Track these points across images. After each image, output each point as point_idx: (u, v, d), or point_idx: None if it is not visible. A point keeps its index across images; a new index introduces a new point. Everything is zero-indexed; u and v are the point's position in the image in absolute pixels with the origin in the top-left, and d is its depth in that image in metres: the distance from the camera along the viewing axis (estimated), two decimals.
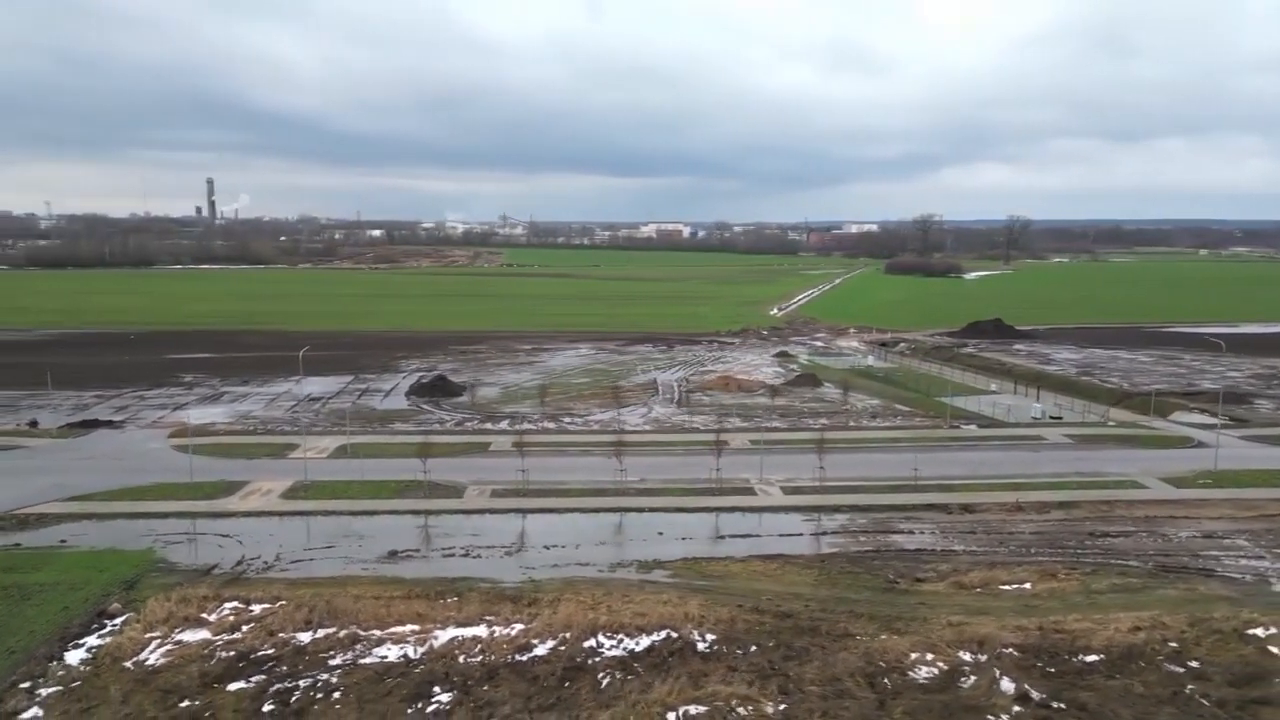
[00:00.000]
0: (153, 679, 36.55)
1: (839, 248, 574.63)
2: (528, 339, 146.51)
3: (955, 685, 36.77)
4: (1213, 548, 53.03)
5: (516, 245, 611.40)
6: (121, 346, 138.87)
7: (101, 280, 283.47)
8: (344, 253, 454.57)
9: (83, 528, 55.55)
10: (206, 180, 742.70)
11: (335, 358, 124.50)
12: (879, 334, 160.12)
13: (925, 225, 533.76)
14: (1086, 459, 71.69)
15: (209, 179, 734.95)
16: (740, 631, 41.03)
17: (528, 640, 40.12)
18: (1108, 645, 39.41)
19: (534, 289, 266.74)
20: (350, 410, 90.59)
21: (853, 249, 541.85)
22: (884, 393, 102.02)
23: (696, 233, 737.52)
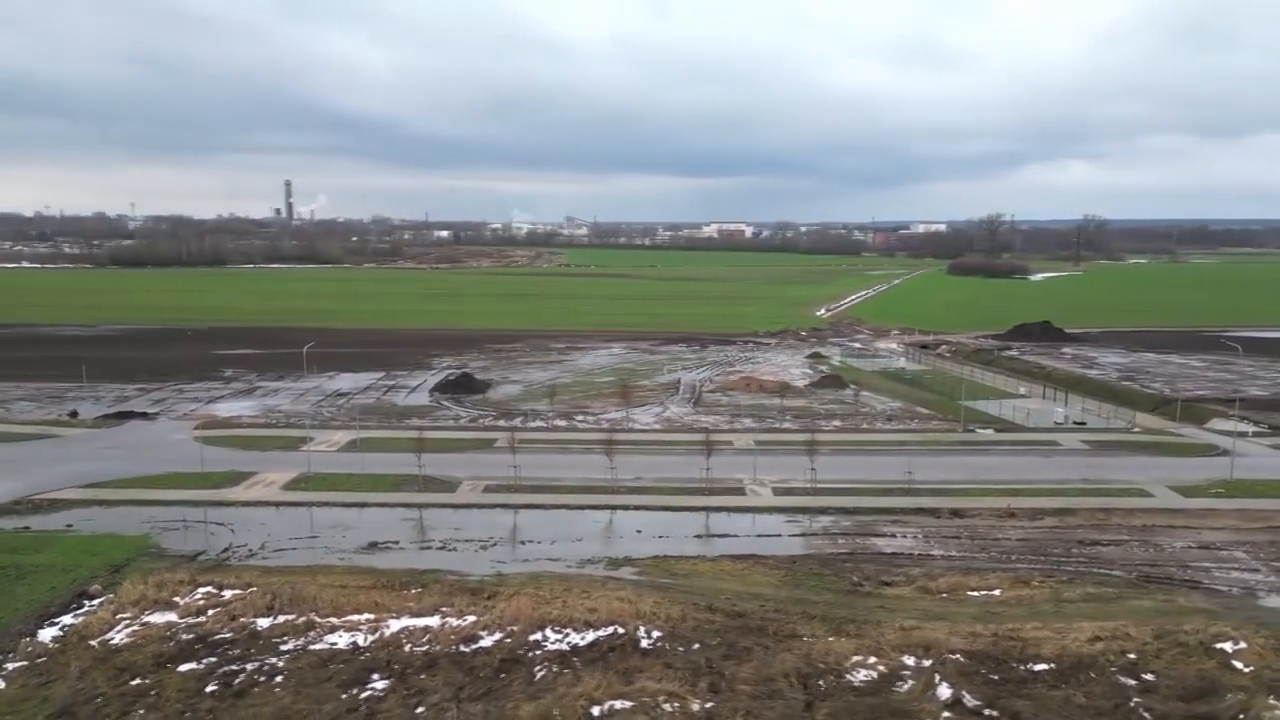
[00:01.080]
0: (112, 657, 38.37)
1: (905, 248, 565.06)
2: (563, 338, 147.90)
3: (890, 689, 36.38)
4: (1206, 559, 51.15)
5: (579, 246, 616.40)
6: (177, 342, 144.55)
7: (173, 279, 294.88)
8: (409, 253, 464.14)
9: (91, 513, 58.33)
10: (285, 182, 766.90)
11: (372, 354, 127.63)
12: (921, 336, 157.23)
13: (993, 225, 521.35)
14: (1097, 465, 69.58)
15: (287, 181, 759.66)
16: (687, 629, 41.14)
17: (475, 632, 40.92)
18: (1059, 655, 38.50)
19: (585, 289, 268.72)
20: (372, 406, 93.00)
21: (918, 249, 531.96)
22: (908, 395, 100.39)
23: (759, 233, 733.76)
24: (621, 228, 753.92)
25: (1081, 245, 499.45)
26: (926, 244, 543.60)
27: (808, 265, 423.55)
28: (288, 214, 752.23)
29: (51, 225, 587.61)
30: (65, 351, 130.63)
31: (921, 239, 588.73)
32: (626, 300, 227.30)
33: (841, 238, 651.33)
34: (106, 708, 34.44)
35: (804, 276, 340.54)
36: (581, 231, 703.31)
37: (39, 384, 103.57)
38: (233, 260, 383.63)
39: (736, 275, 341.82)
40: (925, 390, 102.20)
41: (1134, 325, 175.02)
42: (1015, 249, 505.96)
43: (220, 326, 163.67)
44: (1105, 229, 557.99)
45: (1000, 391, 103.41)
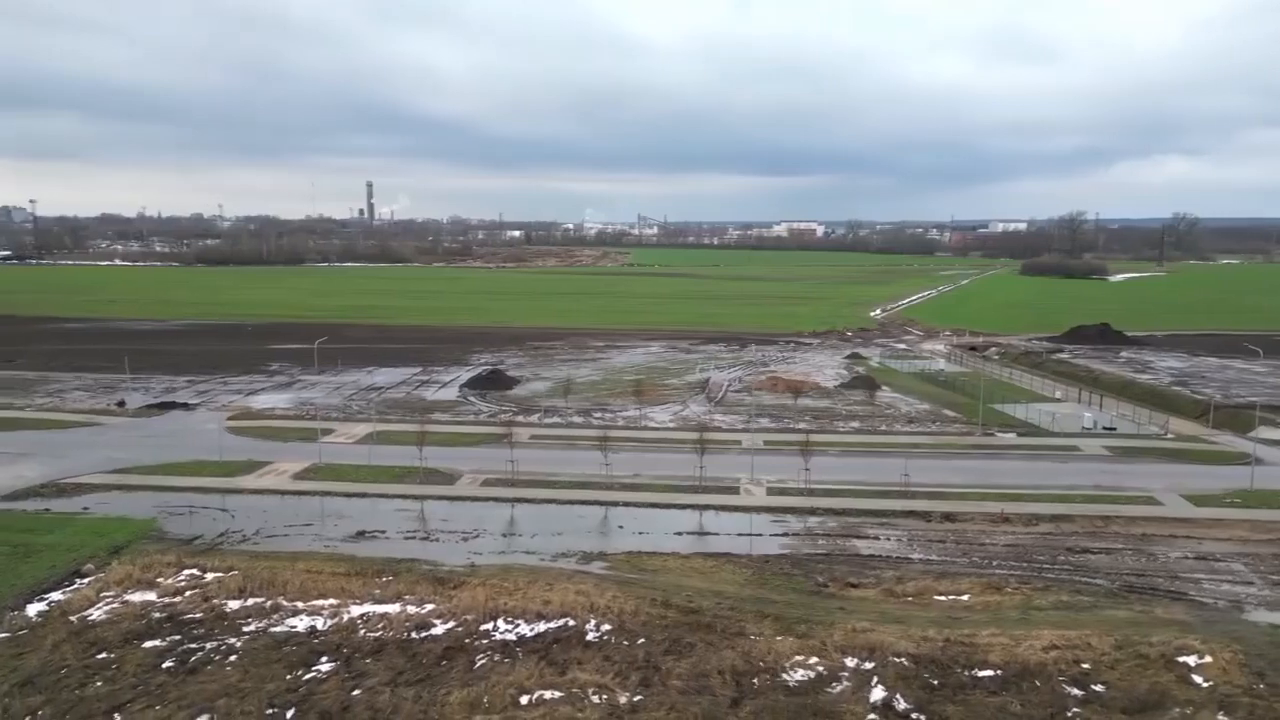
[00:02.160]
0: (86, 632, 40.60)
1: (981, 248, 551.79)
2: (605, 336, 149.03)
3: (823, 690, 36.19)
4: (1200, 570, 49.23)
5: (648, 245, 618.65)
6: (237, 337, 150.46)
7: (249, 277, 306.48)
8: (479, 253, 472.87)
9: (109, 497, 61.50)
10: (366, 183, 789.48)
11: (415, 350, 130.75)
12: (971, 338, 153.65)
13: (1073, 224, 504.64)
14: (1114, 472, 67.34)
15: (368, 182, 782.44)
16: (637, 624, 41.49)
17: (429, 620, 42.02)
18: (1007, 662, 37.72)
19: (642, 288, 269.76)
20: (400, 400, 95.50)
21: (993, 249, 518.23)
22: (938, 398, 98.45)
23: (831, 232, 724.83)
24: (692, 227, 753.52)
25: (1170, 245, 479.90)
26: (1003, 243, 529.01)
27: (876, 265, 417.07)
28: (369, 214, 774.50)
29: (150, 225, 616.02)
30: (131, 345, 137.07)
31: (999, 238, 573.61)
32: (678, 299, 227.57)
33: (915, 237, 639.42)
34: (68, 679, 36.52)
35: (869, 276, 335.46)
36: (651, 231, 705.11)
37: (98, 375, 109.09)
38: (310, 259, 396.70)
39: (798, 275, 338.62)
40: (957, 393, 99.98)
41: (1208, 329, 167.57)
42: (1098, 248, 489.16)
43: (279, 322, 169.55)
44: (1197, 228, 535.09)
45: (1036, 395, 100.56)
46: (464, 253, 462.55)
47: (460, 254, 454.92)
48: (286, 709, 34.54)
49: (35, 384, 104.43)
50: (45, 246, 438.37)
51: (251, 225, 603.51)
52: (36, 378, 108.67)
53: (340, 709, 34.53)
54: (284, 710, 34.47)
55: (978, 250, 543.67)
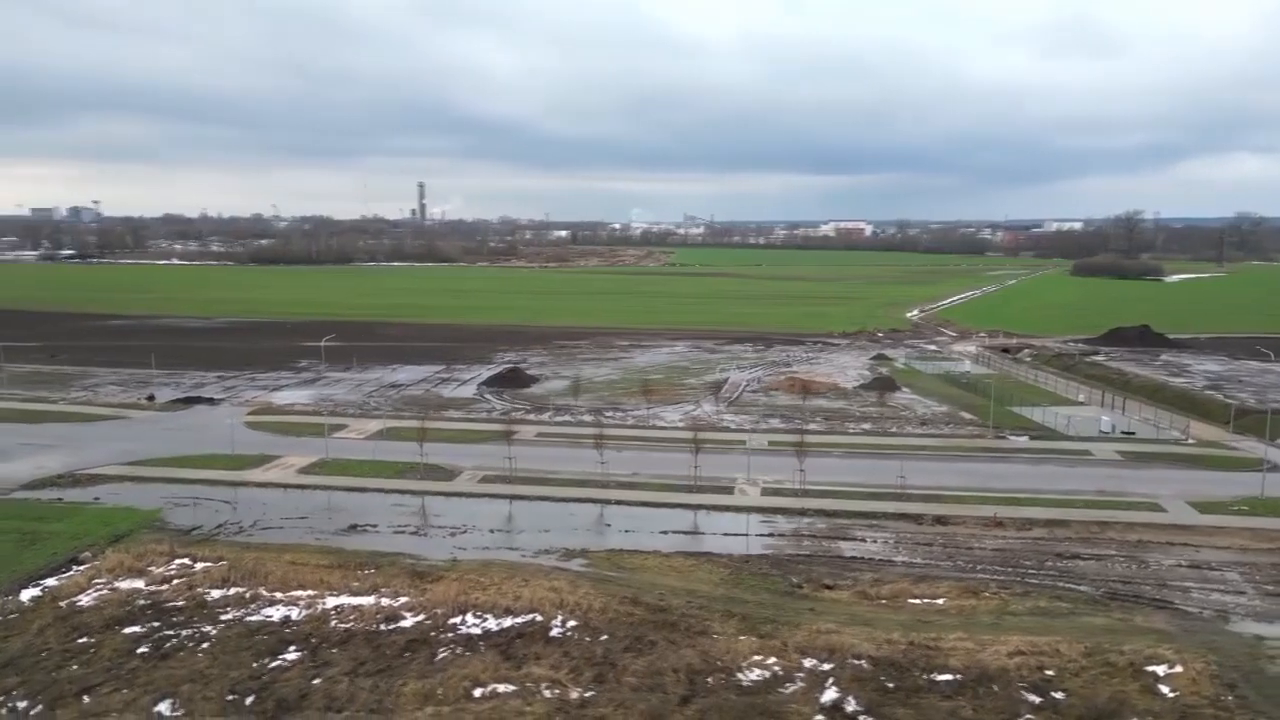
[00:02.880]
0: (72, 617, 42.17)
1: (1034, 248, 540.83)
2: (631, 335, 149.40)
3: (776, 690, 36.18)
4: (1191, 578, 48.00)
5: (693, 245, 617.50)
6: (274, 334, 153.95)
7: (297, 275, 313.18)
8: (524, 252, 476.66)
9: (121, 488, 63.62)
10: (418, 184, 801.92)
11: (441, 348, 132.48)
12: (1005, 339, 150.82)
13: (1130, 223, 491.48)
14: (1120, 477, 65.83)
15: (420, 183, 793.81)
16: (603, 621, 41.83)
17: (399, 612, 42.85)
18: (967, 666, 37.32)
19: (679, 287, 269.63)
20: (418, 397, 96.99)
21: (1047, 249, 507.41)
22: (958, 400, 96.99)
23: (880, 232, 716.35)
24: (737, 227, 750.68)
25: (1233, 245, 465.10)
26: (1057, 243, 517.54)
27: (923, 265, 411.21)
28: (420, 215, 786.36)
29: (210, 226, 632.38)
30: (170, 341, 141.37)
31: (1052, 238, 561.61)
32: (712, 299, 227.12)
33: (965, 237, 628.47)
34: (47, 661, 38.03)
35: (912, 277, 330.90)
36: (697, 231, 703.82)
37: (134, 370, 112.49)
38: (358, 259, 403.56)
39: (840, 275, 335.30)
40: (978, 395, 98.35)
41: (1258, 331, 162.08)
42: (1156, 249, 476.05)
43: (317, 320, 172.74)
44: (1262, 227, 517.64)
45: (1059, 398, 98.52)
46: (509, 252, 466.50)
47: (505, 254, 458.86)
48: (247, 695, 35.52)
49: (74, 379, 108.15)
50: (107, 246, 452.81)
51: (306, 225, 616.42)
52: (76, 372, 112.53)
53: (298, 697, 35.41)
54: (244, 697, 35.46)
55: (1030, 250, 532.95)
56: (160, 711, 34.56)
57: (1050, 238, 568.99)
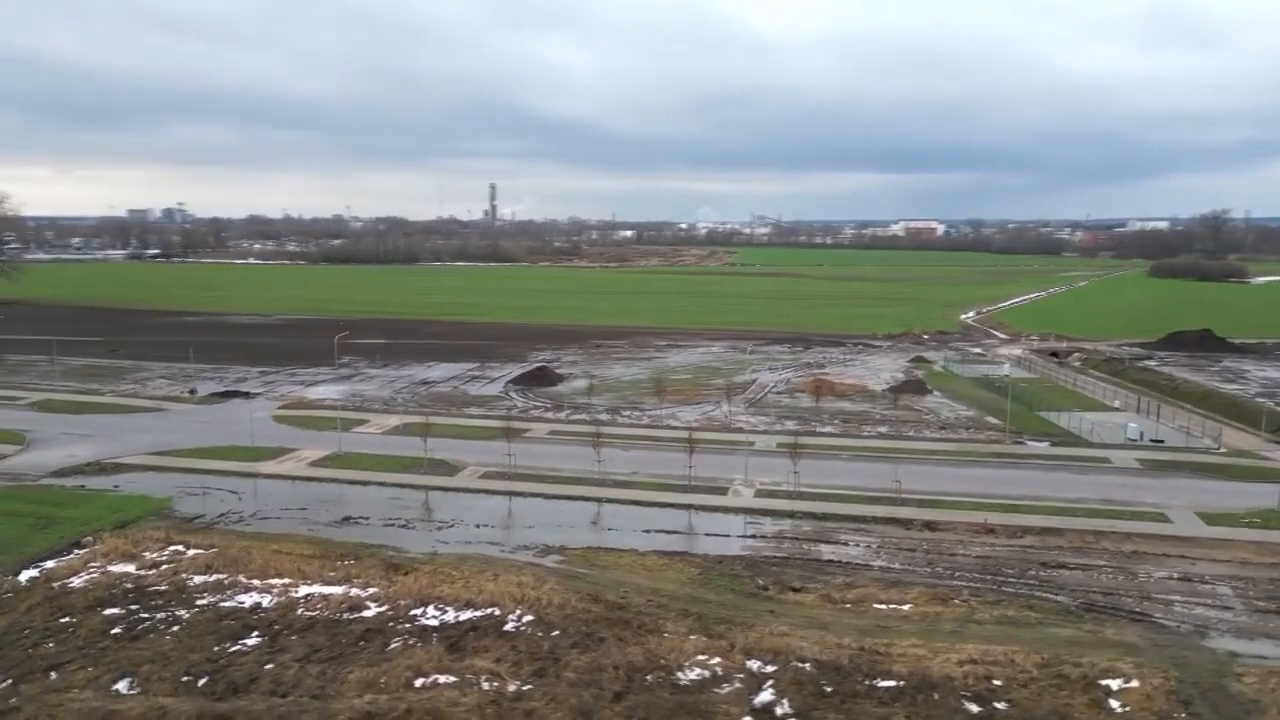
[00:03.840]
0: (60, 598, 44.40)
1: (1115, 248, 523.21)
2: (670, 335, 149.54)
3: (711, 690, 36.20)
4: (1179, 591, 46.25)
5: (758, 245, 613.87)
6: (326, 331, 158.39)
7: (362, 274, 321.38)
8: (587, 252, 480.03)
9: (140, 477, 66.51)
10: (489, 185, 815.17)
11: (479, 346, 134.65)
12: (1056, 342, 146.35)
13: (1217, 222, 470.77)
14: (1134, 486, 63.63)
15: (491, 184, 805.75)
16: (558, 617, 42.35)
17: (365, 602, 44.04)
18: (911, 673, 36.79)
19: (732, 287, 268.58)
20: (445, 394, 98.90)
21: (1127, 249, 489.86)
22: (988, 404, 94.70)
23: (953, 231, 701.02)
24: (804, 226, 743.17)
25: None
26: (1138, 243, 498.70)
27: (993, 266, 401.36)
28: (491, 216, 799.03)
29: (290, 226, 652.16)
30: (226, 337, 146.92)
31: (1134, 238, 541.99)
32: (762, 299, 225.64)
33: (1042, 236, 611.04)
34: (27, 638, 40.20)
35: (978, 278, 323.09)
36: (763, 230, 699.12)
37: (184, 364, 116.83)
38: (424, 258, 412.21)
39: (902, 276, 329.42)
40: (1009, 399, 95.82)
41: None
42: (1245, 249, 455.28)
43: (369, 317, 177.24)
44: None
45: (1095, 403, 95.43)
46: (572, 252, 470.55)
47: (568, 254, 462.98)
48: (201, 677, 37.00)
49: (127, 372, 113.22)
50: (190, 245, 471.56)
51: (381, 226, 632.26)
52: (131, 366, 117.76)
53: (248, 680, 36.74)
54: (198, 678, 36.94)
55: (1109, 250, 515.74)
56: (119, 689, 36.25)
57: (1132, 237, 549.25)
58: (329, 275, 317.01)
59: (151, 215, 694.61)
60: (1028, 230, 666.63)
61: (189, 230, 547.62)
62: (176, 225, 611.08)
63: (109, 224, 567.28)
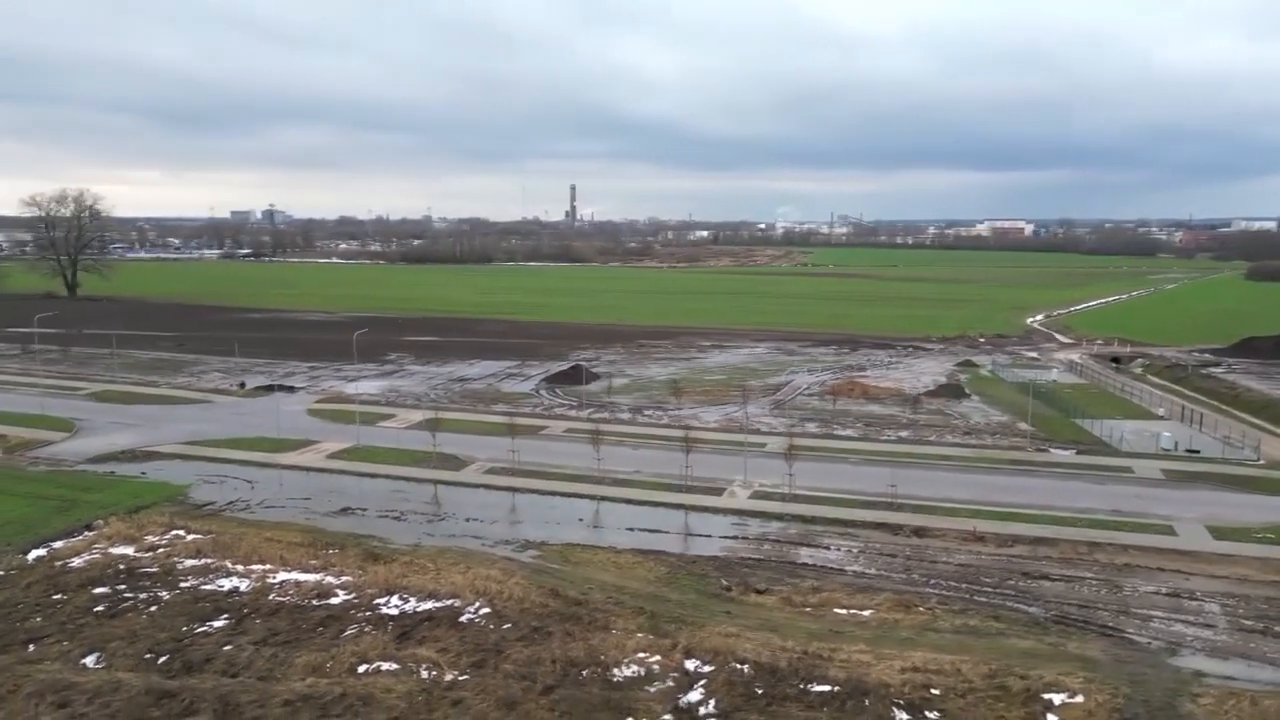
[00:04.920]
0: (58, 577, 47.14)
1: (1215, 249, 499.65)
2: (717, 336, 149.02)
3: (641, 687, 36.40)
4: (1161, 607, 44.36)
5: (837, 245, 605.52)
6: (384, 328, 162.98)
7: (437, 274, 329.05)
8: (659, 253, 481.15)
9: (167, 465, 69.87)
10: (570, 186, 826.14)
11: (524, 345, 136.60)
12: (1119, 347, 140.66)
13: None
14: (1149, 497, 61.00)
15: (571, 185, 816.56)
16: (514, 611, 43.11)
17: (334, 589, 45.57)
18: (848, 679, 36.30)
19: (795, 288, 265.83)
20: (478, 391, 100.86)
21: (1228, 251, 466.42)
22: (1024, 410, 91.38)
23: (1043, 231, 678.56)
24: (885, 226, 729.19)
25: None
26: (1240, 244, 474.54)
27: (1079, 267, 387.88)
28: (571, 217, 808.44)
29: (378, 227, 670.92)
30: (289, 333, 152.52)
31: (1237, 239, 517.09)
32: (822, 300, 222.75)
33: (1136, 237, 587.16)
34: (19, 613, 42.86)
35: (1060, 279, 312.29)
36: (841, 230, 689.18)
37: (240, 359, 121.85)
38: (498, 258, 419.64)
39: (976, 277, 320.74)
40: (1049, 406, 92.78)
41: None
42: None
43: (430, 316, 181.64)
44: None
45: (1140, 411, 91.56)
46: (643, 253, 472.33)
47: (639, 254, 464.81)
48: (162, 655, 38.91)
49: (187, 365, 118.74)
50: (280, 246, 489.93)
51: (464, 226, 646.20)
52: (191, 359, 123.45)
53: (204, 660, 38.49)
54: (159, 656, 38.86)
55: (1209, 252, 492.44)
56: (86, 663, 38.39)
57: (1234, 238, 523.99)
58: (402, 275, 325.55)
59: (253, 217, 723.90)
60: (1123, 230, 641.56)
61: (280, 231, 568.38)
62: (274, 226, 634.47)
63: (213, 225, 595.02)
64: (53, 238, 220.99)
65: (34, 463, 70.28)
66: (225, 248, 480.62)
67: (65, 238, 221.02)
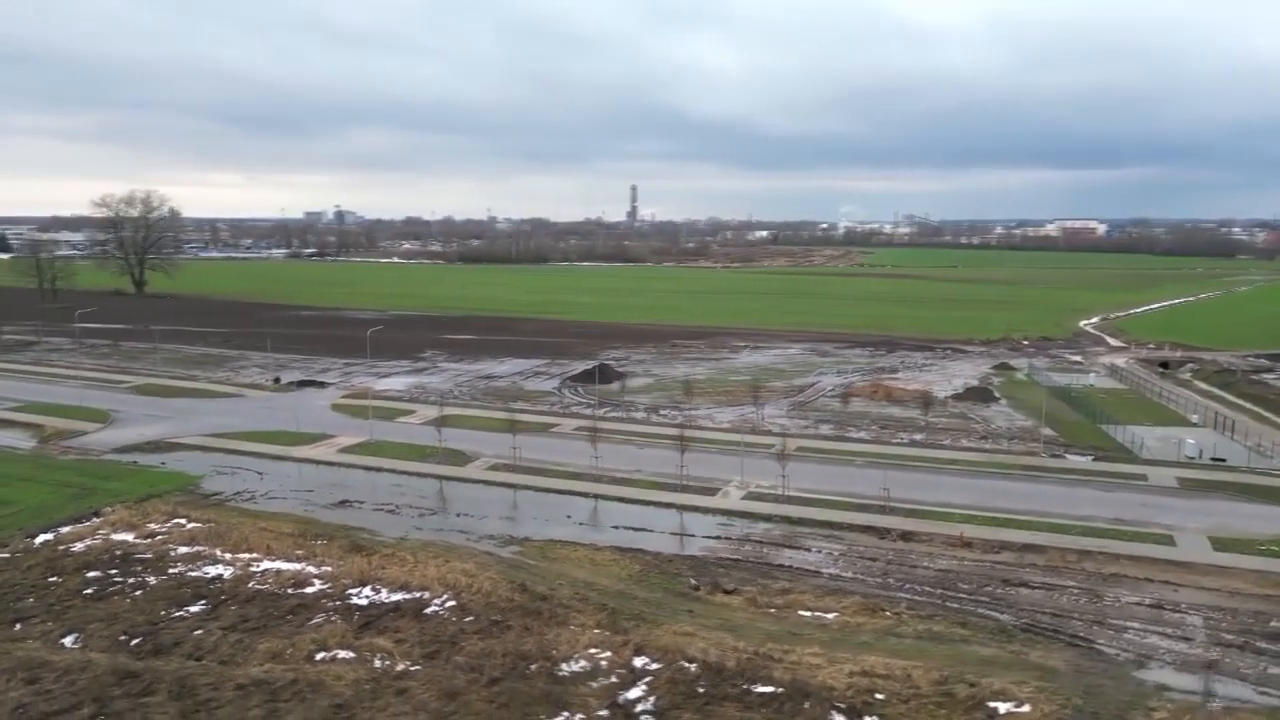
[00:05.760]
0: (58, 560, 49.35)
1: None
2: (752, 336, 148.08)
3: (585, 682, 36.73)
4: (1139, 619, 43.12)
5: (899, 245, 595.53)
6: (426, 327, 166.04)
7: (489, 273, 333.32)
8: (714, 253, 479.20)
9: (186, 456, 72.46)
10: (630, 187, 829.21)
11: (557, 344, 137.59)
12: (1170, 351, 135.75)
13: None
14: (1154, 506, 59.05)
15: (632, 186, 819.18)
16: (478, 604, 43.83)
17: (310, 579, 46.83)
18: (792, 681, 36.07)
19: (845, 288, 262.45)
20: (501, 388, 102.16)
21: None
22: (1052, 414, 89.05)
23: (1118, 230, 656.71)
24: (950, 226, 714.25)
25: None
26: None
27: (1150, 268, 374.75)
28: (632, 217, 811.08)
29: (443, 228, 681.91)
30: (333, 330, 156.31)
31: None
32: (868, 301, 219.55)
33: (1215, 237, 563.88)
34: (14, 592, 45.10)
35: (1126, 281, 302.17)
36: (904, 230, 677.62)
37: (279, 355, 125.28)
38: (552, 258, 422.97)
39: (1036, 278, 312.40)
40: (1077, 410, 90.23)
41: None
42: None
43: (471, 314, 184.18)
44: None
45: (1173, 417, 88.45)
46: (698, 253, 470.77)
47: (694, 254, 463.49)
48: (135, 638, 40.55)
49: (231, 360, 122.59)
50: (345, 245, 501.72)
51: (525, 227, 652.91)
52: (236, 355, 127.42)
53: (173, 643, 40.01)
54: (132, 638, 40.51)
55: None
56: (65, 643, 40.25)
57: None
58: (458, 274, 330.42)
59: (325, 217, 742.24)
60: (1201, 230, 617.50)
61: (345, 231, 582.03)
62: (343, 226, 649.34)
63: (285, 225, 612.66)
64: (121, 237, 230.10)
65: (65, 452, 73.55)
66: (292, 247, 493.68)
67: (133, 237, 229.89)
